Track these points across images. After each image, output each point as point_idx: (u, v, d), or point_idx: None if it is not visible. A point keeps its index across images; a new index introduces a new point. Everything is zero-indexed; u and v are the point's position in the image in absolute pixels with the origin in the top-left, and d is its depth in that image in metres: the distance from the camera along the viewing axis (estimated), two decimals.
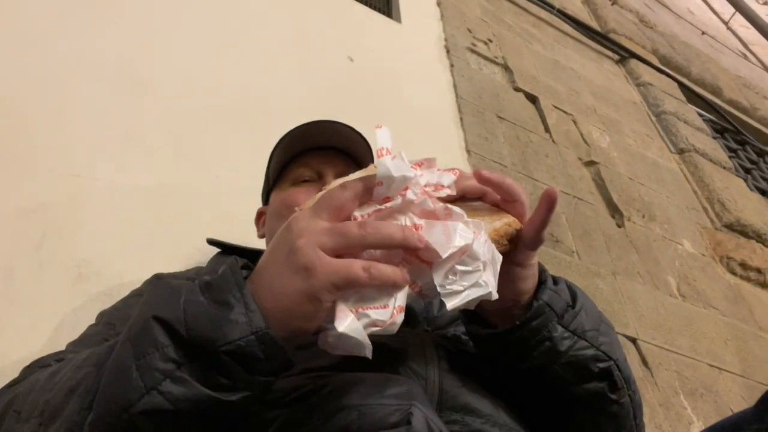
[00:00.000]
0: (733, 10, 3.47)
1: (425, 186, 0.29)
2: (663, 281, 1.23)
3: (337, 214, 0.27)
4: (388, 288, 0.26)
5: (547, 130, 1.44)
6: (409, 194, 0.27)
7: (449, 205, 0.28)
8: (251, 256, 0.53)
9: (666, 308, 1.16)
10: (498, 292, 0.29)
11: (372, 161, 0.56)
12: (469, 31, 1.58)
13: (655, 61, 2.29)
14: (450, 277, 0.27)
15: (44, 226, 0.63)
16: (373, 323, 0.26)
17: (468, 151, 1.17)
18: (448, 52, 1.43)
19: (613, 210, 1.34)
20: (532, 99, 1.52)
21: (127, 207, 0.69)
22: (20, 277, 0.58)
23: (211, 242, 0.53)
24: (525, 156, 1.29)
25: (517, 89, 1.51)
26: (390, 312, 0.26)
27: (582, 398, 0.35)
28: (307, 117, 0.57)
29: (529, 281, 0.34)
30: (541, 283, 0.35)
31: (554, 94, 1.60)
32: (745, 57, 3.45)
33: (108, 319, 0.47)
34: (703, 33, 3.23)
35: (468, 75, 1.39)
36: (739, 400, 1.07)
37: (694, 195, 1.65)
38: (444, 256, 0.26)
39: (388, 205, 0.27)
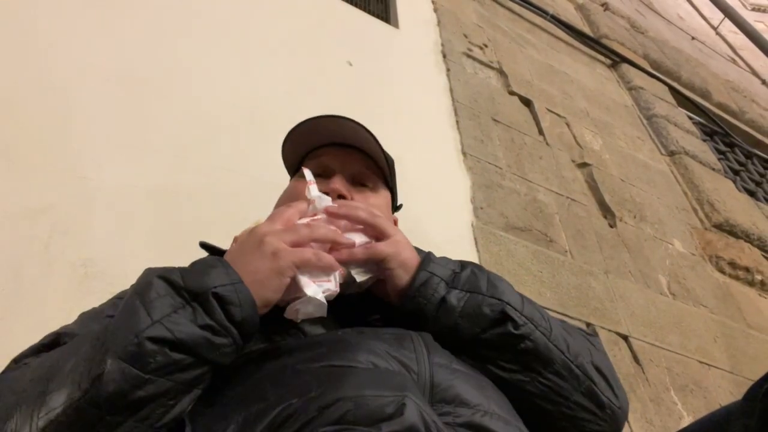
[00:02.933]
0: (722, 15, 3.54)
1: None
2: (654, 280, 1.26)
3: (287, 223, 0.40)
4: (328, 269, 0.39)
5: (541, 132, 1.47)
6: (323, 216, 0.43)
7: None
8: None
9: (657, 306, 1.19)
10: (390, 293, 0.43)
11: (385, 157, 0.57)
12: (465, 36, 1.62)
13: (646, 66, 2.33)
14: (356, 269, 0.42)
15: (51, 226, 0.64)
16: (326, 290, 0.39)
17: (464, 153, 1.20)
18: (444, 56, 1.46)
19: (606, 210, 1.37)
20: (527, 102, 1.56)
21: (132, 208, 0.71)
22: (28, 276, 0.60)
23: (204, 246, 0.54)
24: (519, 158, 1.31)
25: (511, 93, 1.54)
26: (334, 284, 0.39)
27: (495, 345, 0.40)
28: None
29: (404, 277, 0.43)
30: (423, 261, 0.43)
31: (548, 98, 1.63)
32: (734, 61, 3.52)
33: (86, 316, 0.46)
34: (693, 38, 3.29)
35: (464, 79, 1.42)
36: (727, 396, 1.10)
37: (684, 196, 1.68)
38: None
39: (317, 217, 0.42)
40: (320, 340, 0.38)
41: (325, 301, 0.38)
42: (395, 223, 0.61)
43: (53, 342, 0.40)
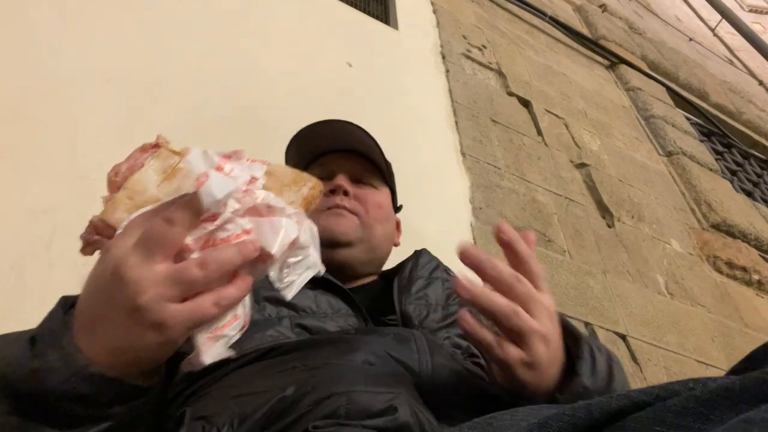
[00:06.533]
0: (719, 17, 3.56)
1: (243, 185, 0.28)
2: (652, 280, 1.27)
3: (170, 252, 0.25)
4: (236, 305, 0.27)
5: (539, 133, 1.48)
6: (233, 204, 0.27)
7: (271, 202, 0.28)
8: None
9: (655, 306, 1.20)
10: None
11: (384, 162, 0.58)
12: (464, 37, 1.62)
13: (644, 67, 2.34)
14: (284, 270, 0.28)
15: (53, 226, 0.64)
16: (232, 337, 0.28)
17: (463, 154, 1.20)
18: (443, 58, 1.47)
19: (604, 211, 1.38)
20: (525, 103, 1.56)
21: None
22: (30, 276, 0.60)
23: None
24: (518, 158, 1.32)
25: (510, 94, 1.55)
26: (243, 319, 0.28)
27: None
28: (307, 121, 0.59)
29: (547, 382, 0.32)
30: (576, 374, 0.32)
31: (546, 99, 1.64)
32: (731, 62, 3.53)
33: None
34: (691, 39, 3.30)
35: (463, 80, 1.43)
36: None
37: (681, 196, 1.69)
38: (277, 255, 0.27)
39: (217, 222, 0.26)
40: (321, 339, 0.38)
41: (230, 352, 0.28)
42: (398, 224, 0.62)
43: None
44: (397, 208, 0.63)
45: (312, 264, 0.29)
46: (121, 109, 0.80)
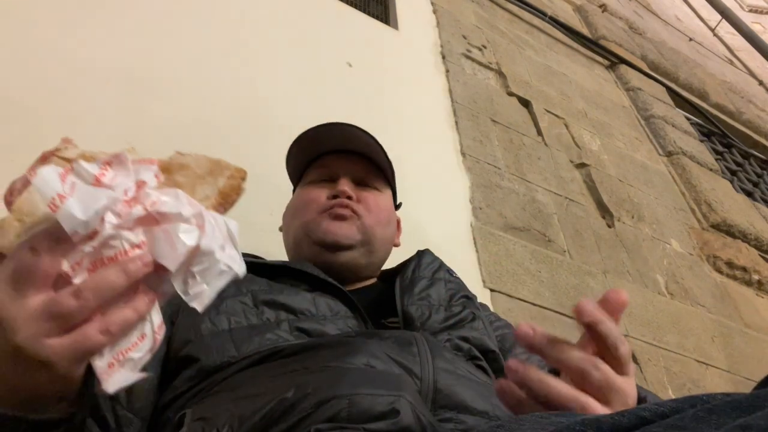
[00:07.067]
0: (719, 17, 3.56)
1: (126, 194, 0.25)
2: (652, 280, 1.27)
3: (41, 284, 0.23)
4: (135, 325, 0.25)
5: (539, 133, 1.48)
6: (111, 218, 0.24)
7: (162, 208, 0.25)
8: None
9: (655, 306, 1.20)
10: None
11: (388, 164, 0.58)
12: (464, 37, 1.62)
13: (644, 67, 2.35)
14: (189, 281, 0.25)
15: None
16: (140, 359, 0.25)
17: (463, 154, 1.20)
18: (443, 58, 1.47)
19: (604, 211, 1.38)
20: (525, 103, 1.56)
21: None
22: None
23: None
24: (518, 158, 1.32)
25: (510, 94, 1.55)
26: (151, 339, 0.26)
27: None
28: (307, 121, 0.60)
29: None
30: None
31: (546, 99, 1.64)
32: (731, 62, 3.53)
33: None
34: (691, 39, 3.30)
35: (463, 80, 1.43)
36: None
37: (681, 196, 1.69)
38: (174, 269, 0.24)
39: (95, 243, 0.23)
40: (322, 342, 0.38)
41: (141, 375, 0.25)
42: (399, 223, 0.62)
43: None
44: (396, 206, 0.63)
45: (224, 268, 0.26)
46: (122, 109, 0.80)
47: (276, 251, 0.61)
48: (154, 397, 0.39)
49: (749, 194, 2.00)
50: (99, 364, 0.24)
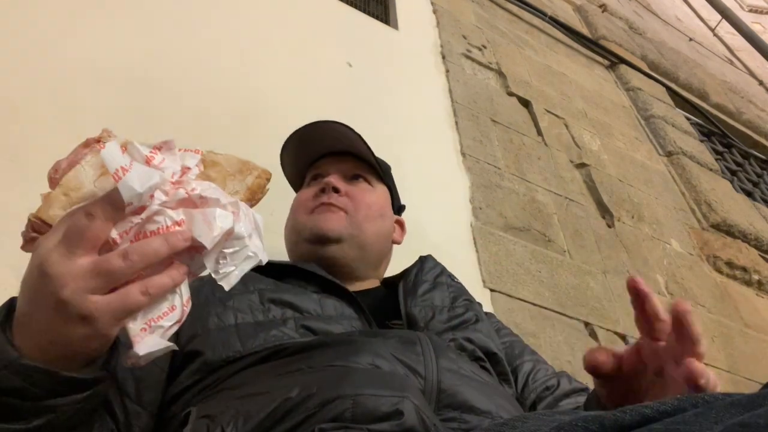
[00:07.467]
0: (719, 17, 3.56)
1: (172, 177, 0.28)
2: (652, 280, 1.27)
3: (91, 245, 0.25)
4: (171, 293, 0.27)
5: (539, 133, 1.48)
6: (160, 195, 0.26)
7: (204, 193, 0.27)
8: None
9: None
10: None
11: (375, 159, 0.58)
12: (464, 37, 1.63)
13: (644, 67, 2.35)
14: (221, 261, 0.28)
15: None
16: (169, 328, 0.27)
17: (463, 154, 1.20)
18: (443, 58, 1.47)
19: (604, 210, 1.38)
20: (525, 103, 1.56)
21: None
22: None
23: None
24: (518, 158, 1.32)
25: (510, 94, 1.55)
26: (180, 311, 0.27)
27: None
28: (306, 120, 0.60)
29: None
30: None
31: (546, 99, 1.64)
32: (731, 62, 3.53)
33: None
34: (691, 39, 3.31)
35: (463, 80, 1.43)
36: None
37: (681, 196, 1.69)
38: (210, 246, 0.27)
39: (143, 215, 0.26)
40: (326, 341, 0.38)
41: (169, 344, 0.27)
42: (402, 224, 0.63)
43: None
44: (399, 208, 0.63)
45: (251, 254, 0.29)
46: (122, 109, 0.80)
47: (277, 251, 0.61)
48: (161, 392, 0.39)
49: (749, 194, 2.00)
50: (132, 326, 0.26)
